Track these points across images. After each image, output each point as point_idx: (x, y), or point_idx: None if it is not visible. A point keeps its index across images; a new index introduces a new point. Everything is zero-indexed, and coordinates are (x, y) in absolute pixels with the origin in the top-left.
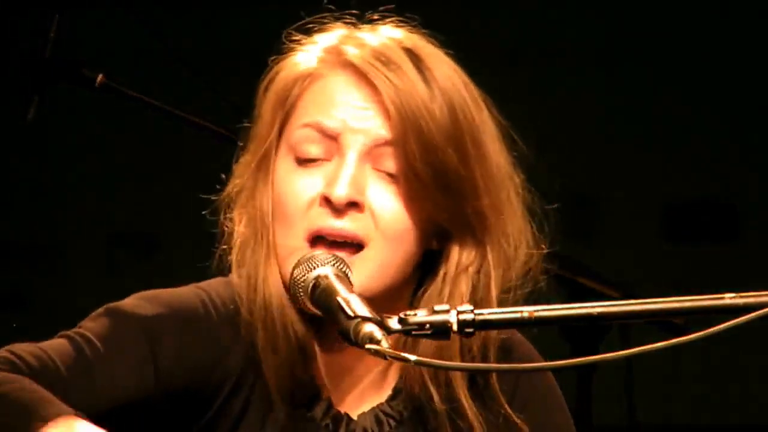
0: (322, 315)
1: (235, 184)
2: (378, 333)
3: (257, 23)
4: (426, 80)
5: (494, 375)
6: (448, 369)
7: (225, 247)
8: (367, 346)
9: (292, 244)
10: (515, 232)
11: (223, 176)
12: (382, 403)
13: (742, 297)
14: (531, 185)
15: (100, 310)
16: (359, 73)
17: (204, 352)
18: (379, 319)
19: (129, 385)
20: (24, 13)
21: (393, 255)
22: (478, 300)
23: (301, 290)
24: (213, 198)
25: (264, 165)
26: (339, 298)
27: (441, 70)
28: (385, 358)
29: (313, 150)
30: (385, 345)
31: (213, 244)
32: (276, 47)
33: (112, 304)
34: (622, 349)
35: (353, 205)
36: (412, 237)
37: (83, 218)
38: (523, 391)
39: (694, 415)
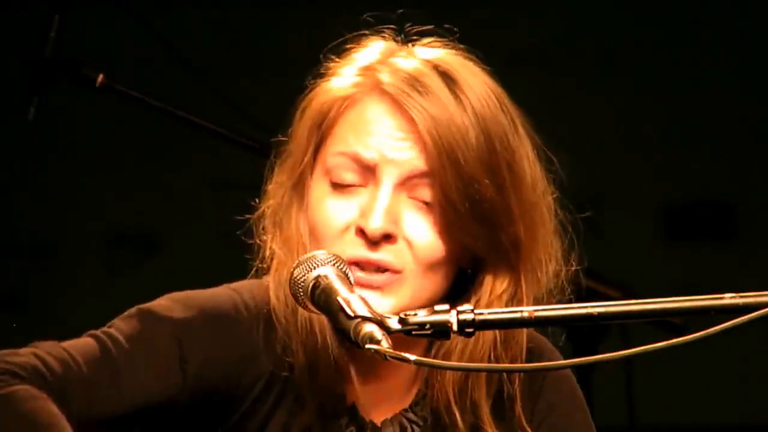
0: (323, 315)
1: (269, 205)
2: (378, 333)
3: (257, 23)
4: (462, 107)
5: (518, 398)
6: (447, 369)
7: (262, 265)
8: (367, 346)
9: None
10: (547, 252)
11: (256, 200)
12: (405, 409)
13: (741, 297)
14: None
15: (132, 310)
16: (392, 100)
17: (233, 357)
18: (379, 319)
19: (156, 388)
20: (24, 13)
21: (428, 281)
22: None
23: (301, 290)
24: (248, 217)
25: (299, 186)
26: (339, 298)
27: (477, 93)
28: (385, 358)
29: (349, 177)
30: (385, 345)
31: (212, 244)
32: (275, 47)
33: (143, 305)
34: (622, 349)
35: (387, 237)
36: (447, 264)
37: (83, 218)
38: (546, 398)
39: (694, 415)
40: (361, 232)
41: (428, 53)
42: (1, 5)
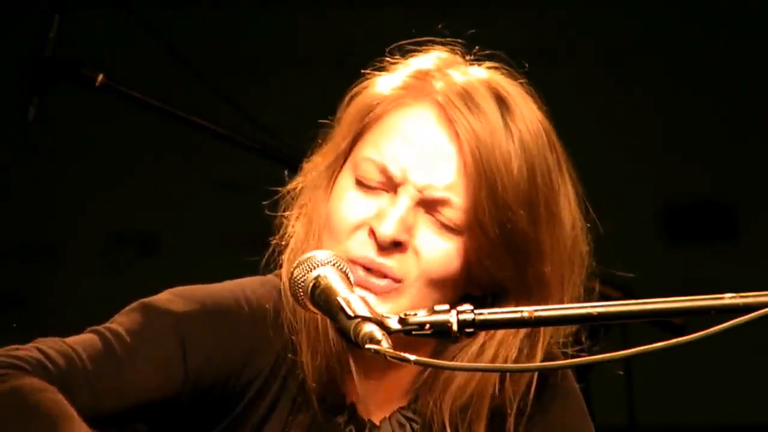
0: (323, 315)
1: (300, 181)
2: (378, 333)
3: (257, 23)
4: (510, 133)
5: (512, 417)
6: (447, 369)
7: (280, 243)
8: (367, 346)
9: None
10: (573, 299)
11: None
12: (403, 407)
13: (741, 297)
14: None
15: (134, 304)
16: (441, 112)
17: (235, 352)
18: (379, 319)
19: (158, 382)
20: (24, 13)
21: (427, 296)
22: (519, 359)
23: (301, 290)
24: (278, 189)
25: (331, 171)
26: (339, 298)
27: (528, 125)
28: (385, 358)
29: (373, 181)
30: (385, 345)
31: (212, 244)
32: (275, 47)
33: (145, 300)
34: (622, 349)
35: (397, 245)
36: (454, 284)
37: (83, 218)
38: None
39: (694, 415)
40: (373, 234)
41: (487, 74)
42: (1, 5)
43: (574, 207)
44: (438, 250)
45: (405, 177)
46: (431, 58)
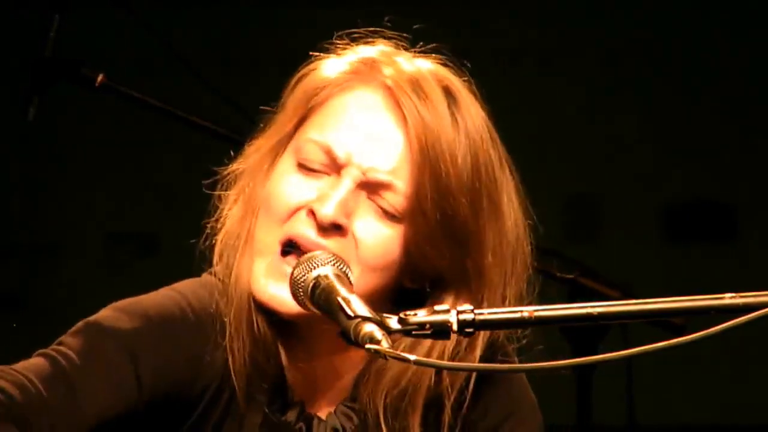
0: (322, 314)
1: (240, 163)
2: (378, 333)
3: (257, 24)
4: (456, 123)
5: (448, 408)
6: (446, 369)
7: (215, 225)
8: (367, 346)
9: (266, 240)
10: (513, 294)
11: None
12: (346, 398)
13: (741, 297)
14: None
15: (80, 324)
16: (389, 96)
17: (185, 362)
18: (379, 319)
19: (112, 400)
20: (24, 13)
21: (364, 283)
22: (456, 356)
23: (301, 290)
24: (218, 169)
25: (273, 154)
26: (339, 298)
27: (473, 118)
28: (385, 358)
29: (315, 163)
30: (385, 345)
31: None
32: (275, 47)
33: (90, 319)
34: (622, 349)
35: (337, 228)
36: (392, 271)
37: (83, 218)
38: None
39: (694, 415)
40: (312, 215)
41: (433, 66)
42: (1, 5)
43: (515, 205)
44: (377, 237)
45: (349, 159)
46: (379, 47)
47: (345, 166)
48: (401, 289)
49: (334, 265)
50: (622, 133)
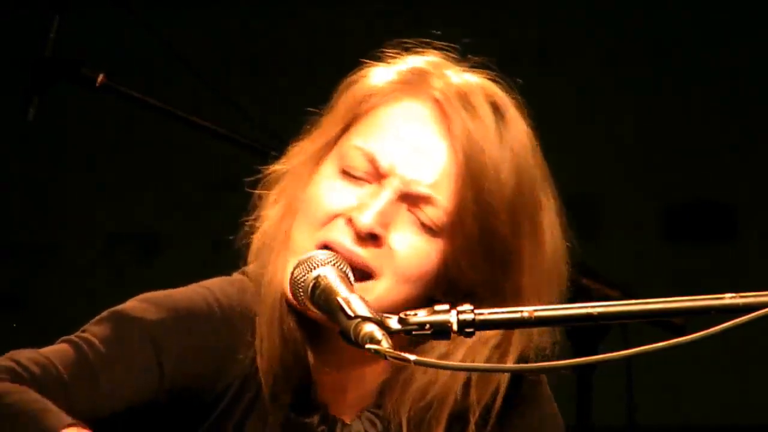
0: (322, 315)
1: (283, 164)
2: (378, 333)
3: (257, 24)
4: (502, 139)
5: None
6: (446, 369)
7: (253, 224)
8: (368, 346)
9: (302, 243)
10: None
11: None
12: (371, 405)
13: (742, 297)
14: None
15: (105, 314)
16: (437, 109)
17: (208, 357)
18: (379, 319)
19: (133, 390)
20: (24, 13)
21: (395, 294)
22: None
23: (301, 290)
24: (262, 168)
25: (316, 157)
26: (339, 298)
27: (519, 135)
28: (385, 358)
29: (359, 171)
30: (385, 345)
31: (212, 244)
32: (275, 47)
33: (116, 308)
34: (622, 349)
35: (373, 237)
36: (425, 284)
37: (83, 218)
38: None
39: (695, 415)
40: (350, 223)
41: (482, 81)
42: (1, 5)
43: (556, 227)
44: (414, 249)
45: (392, 169)
46: (429, 58)
47: (387, 176)
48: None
49: (334, 265)
50: (622, 133)
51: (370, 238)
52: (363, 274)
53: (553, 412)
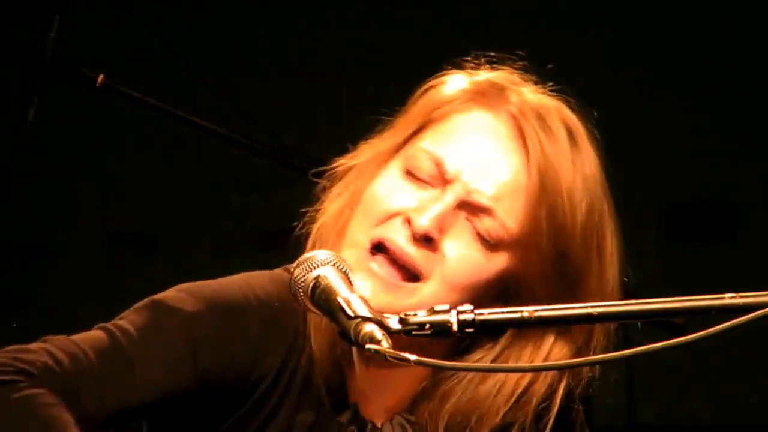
0: (322, 315)
1: (351, 159)
2: (378, 333)
3: (257, 23)
4: (575, 165)
5: None
6: (446, 369)
7: (314, 214)
8: (368, 346)
9: (357, 238)
10: (600, 346)
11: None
12: (404, 410)
13: (742, 297)
14: None
15: (144, 301)
16: (511, 124)
17: (243, 351)
18: (379, 319)
19: (166, 381)
20: (24, 13)
21: (442, 300)
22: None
23: (301, 290)
24: (329, 162)
25: (384, 156)
26: (339, 298)
27: (591, 163)
28: (385, 358)
29: (423, 173)
30: (385, 345)
31: (212, 244)
32: (275, 47)
33: (154, 297)
34: (622, 349)
35: (428, 240)
36: (475, 295)
37: (83, 218)
38: None
39: (695, 415)
40: (408, 223)
41: (558, 103)
42: (1, 5)
43: (615, 259)
44: (465, 258)
45: (458, 175)
46: (507, 73)
47: (451, 182)
48: None
49: (334, 265)
50: (622, 132)
51: (425, 241)
52: (412, 275)
53: None
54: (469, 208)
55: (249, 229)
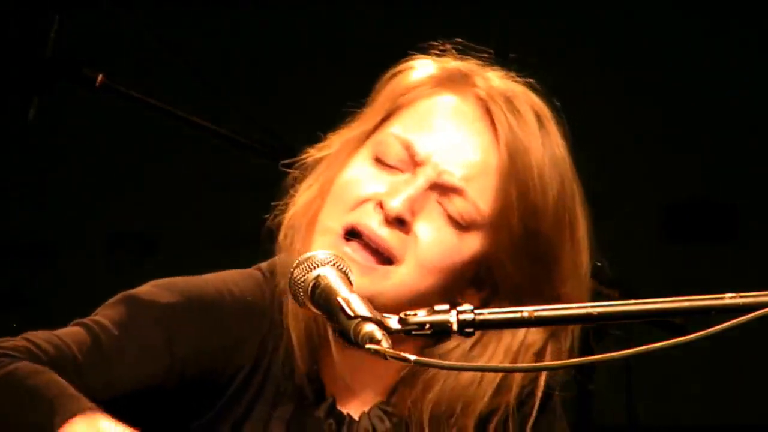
0: (322, 315)
1: (320, 150)
2: (378, 333)
3: (257, 23)
4: (544, 144)
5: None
6: (446, 368)
7: (285, 205)
8: (367, 345)
9: (329, 225)
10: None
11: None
12: (383, 401)
13: (741, 297)
14: None
15: (117, 297)
16: (480, 106)
17: (218, 343)
18: (379, 318)
19: (145, 372)
20: (24, 13)
21: (417, 283)
22: (524, 392)
23: (301, 290)
24: (299, 154)
25: (353, 146)
26: (339, 298)
27: (559, 146)
28: (385, 358)
29: (393, 158)
30: (385, 345)
31: (212, 244)
32: (275, 47)
33: (128, 292)
34: (622, 349)
35: (401, 222)
36: (450, 277)
37: (83, 218)
38: None
39: (694, 415)
40: (380, 207)
41: (524, 88)
42: (1, 5)
43: (587, 243)
44: (438, 239)
45: (428, 158)
46: (470, 63)
47: (422, 164)
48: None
49: (334, 265)
50: (622, 132)
51: (398, 223)
52: (386, 258)
53: (566, 426)
54: (440, 189)
55: (249, 229)
